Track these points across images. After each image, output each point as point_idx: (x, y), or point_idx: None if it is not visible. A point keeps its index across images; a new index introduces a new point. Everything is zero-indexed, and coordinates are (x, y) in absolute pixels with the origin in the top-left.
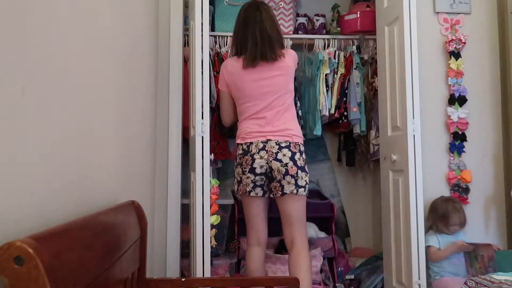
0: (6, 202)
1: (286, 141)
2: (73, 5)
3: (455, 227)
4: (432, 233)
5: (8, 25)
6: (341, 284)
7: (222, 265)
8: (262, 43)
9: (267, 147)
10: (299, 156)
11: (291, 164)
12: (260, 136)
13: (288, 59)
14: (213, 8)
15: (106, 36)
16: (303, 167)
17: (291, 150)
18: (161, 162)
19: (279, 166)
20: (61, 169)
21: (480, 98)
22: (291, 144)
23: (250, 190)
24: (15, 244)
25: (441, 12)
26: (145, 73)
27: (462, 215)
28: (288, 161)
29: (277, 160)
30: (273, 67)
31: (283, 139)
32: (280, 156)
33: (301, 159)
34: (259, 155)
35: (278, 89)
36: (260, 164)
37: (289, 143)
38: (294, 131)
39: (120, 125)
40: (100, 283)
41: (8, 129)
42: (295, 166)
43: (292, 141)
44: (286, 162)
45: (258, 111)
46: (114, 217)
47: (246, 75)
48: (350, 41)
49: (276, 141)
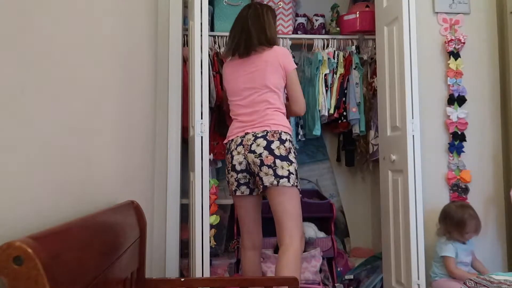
0: (6, 202)
1: (263, 131)
2: (73, 5)
3: (470, 235)
4: (446, 241)
5: (8, 25)
6: (341, 284)
7: (221, 265)
8: (240, 37)
9: (244, 141)
10: (278, 144)
11: (266, 153)
12: (239, 132)
13: (269, 54)
14: (212, 8)
15: (106, 36)
16: (284, 156)
17: (267, 139)
18: (160, 162)
19: (253, 158)
20: (60, 169)
21: (480, 98)
22: (269, 133)
23: (235, 189)
24: (15, 244)
25: (441, 12)
26: (145, 73)
27: (478, 222)
28: (262, 150)
29: (251, 151)
30: (250, 63)
31: (260, 129)
32: (254, 147)
33: (281, 148)
34: (237, 151)
35: (255, 85)
36: (238, 160)
37: (266, 132)
38: (275, 121)
39: (120, 125)
40: (99, 283)
41: (8, 129)
42: (272, 155)
43: (270, 130)
44: (260, 152)
45: (239, 107)
46: (114, 217)
47: (228, 72)
48: (350, 41)
49: (253, 133)
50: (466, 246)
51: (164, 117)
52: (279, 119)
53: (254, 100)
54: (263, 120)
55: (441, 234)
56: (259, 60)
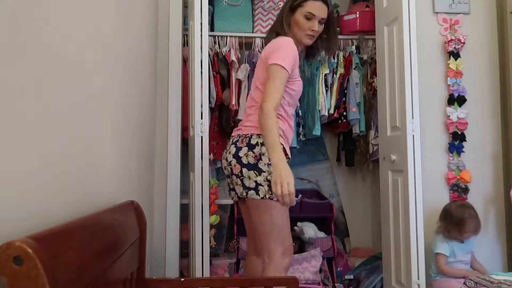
0: (6, 202)
1: (237, 135)
2: (73, 5)
3: (469, 234)
4: (443, 239)
5: (7, 26)
6: (340, 284)
7: (221, 265)
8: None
9: (228, 146)
10: (246, 151)
11: (234, 161)
12: None
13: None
14: (212, 8)
15: (106, 36)
16: (251, 164)
17: (236, 145)
18: (160, 162)
19: (226, 165)
20: (60, 169)
21: (480, 98)
22: (240, 137)
23: (228, 193)
24: (15, 244)
25: (440, 12)
26: (145, 73)
27: (477, 222)
28: (232, 158)
29: (225, 158)
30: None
31: (236, 133)
32: (226, 154)
33: (249, 155)
34: (223, 157)
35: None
36: (223, 165)
37: (238, 136)
38: (248, 121)
39: (120, 125)
40: (99, 283)
41: (8, 129)
42: (239, 164)
43: (242, 134)
44: (230, 160)
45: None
46: (113, 217)
47: None
48: (349, 41)
49: (232, 138)
50: (463, 245)
51: (164, 117)
52: (254, 119)
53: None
54: (243, 122)
55: (440, 232)
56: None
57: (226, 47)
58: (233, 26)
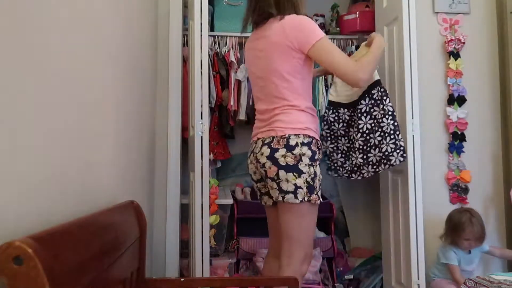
0: (6, 202)
1: (269, 137)
2: (72, 5)
3: (470, 242)
4: (448, 248)
5: (7, 26)
6: (340, 284)
7: (221, 265)
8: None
9: (254, 148)
10: (284, 152)
11: (269, 164)
12: (253, 136)
13: (276, 30)
14: (212, 8)
15: (105, 36)
16: (291, 165)
17: (272, 146)
18: (160, 162)
19: (260, 169)
20: (60, 169)
21: (479, 98)
22: (275, 138)
23: (259, 199)
24: (14, 244)
25: (440, 12)
26: (144, 72)
27: (477, 229)
28: (266, 160)
29: (258, 161)
30: (259, 43)
31: (267, 135)
32: (259, 156)
33: (288, 157)
34: (250, 159)
35: (264, 74)
36: (252, 169)
37: (272, 138)
38: (283, 122)
39: (120, 125)
40: (99, 283)
41: (8, 129)
42: (275, 166)
43: (276, 135)
44: (263, 162)
45: (257, 101)
46: (113, 217)
47: (246, 53)
48: (349, 41)
49: (262, 139)
50: (469, 256)
51: (164, 117)
52: (287, 119)
53: (268, 93)
54: (271, 122)
55: (444, 239)
56: (266, 39)
57: (226, 47)
58: (233, 26)
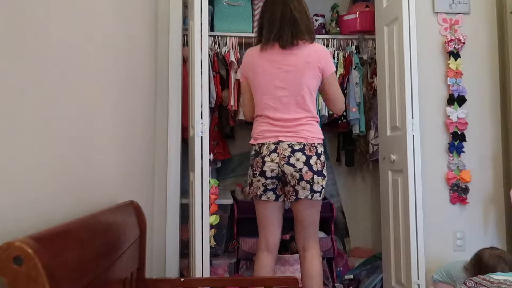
0: (6, 202)
1: (299, 143)
2: (72, 5)
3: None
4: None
5: (7, 26)
6: (340, 284)
7: (221, 265)
8: (281, 24)
9: (278, 149)
10: (315, 159)
11: (305, 169)
12: (271, 137)
13: (310, 51)
14: (212, 8)
15: (105, 36)
16: (319, 171)
17: (306, 153)
18: (160, 162)
19: (293, 171)
20: (60, 169)
21: (479, 98)
22: (306, 146)
23: (261, 194)
24: (14, 244)
25: (440, 12)
26: (144, 73)
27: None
28: (302, 166)
29: (290, 164)
30: (288, 57)
31: (296, 141)
32: (293, 161)
33: (318, 163)
34: (270, 158)
35: (290, 86)
36: (270, 168)
37: (303, 145)
38: (310, 132)
39: (120, 125)
40: (99, 283)
41: (8, 129)
42: (311, 171)
43: (307, 143)
44: (300, 167)
45: (269, 108)
46: (114, 217)
47: (260, 65)
48: (349, 41)
49: (288, 143)
50: None
51: (164, 117)
52: (314, 130)
53: (288, 102)
54: (298, 130)
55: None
56: (298, 57)
57: (226, 47)
58: (233, 26)
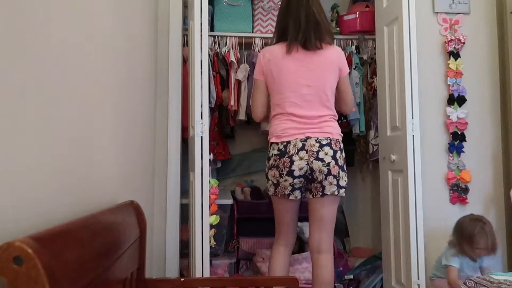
0: (6, 202)
1: (326, 138)
2: (72, 5)
3: (481, 251)
4: (455, 254)
5: (7, 26)
6: (340, 284)
7: (221, 265)
8: (307, 27)
9: (306, 146)
10: (339, 154)
11: (333, 163)
12: (298, 134)
13: (332, 52)
14: (212, 8)
15: (105, 36)
16: (343, 166)
17: (333, 148)
18: (160, 162)
19: (321, 166)
20: (60, 169)
21: (479, 98)
22: (332, 141)
23: (289, 193)
24: (14, 244)
25: (440, 12)
26: (144, 73)
27: (491, 239)
28: (330, 160)
29: (319, 159)
30: (314, 58)
31: (323, 136)
32: (321, 155)
33: (341, 158)
34: (298, 156)
35: (314, 84)
36: (299, 166)
37: (329, 140)
38: (334, 128)
39: (120, 125)
40: (99, 283)
41: (8, 129)
42: (337, 166)
43: (333, 138)
44: (328, 162)
45: (294, 105)
46: (114, 217)
47: (284, 64)
48: (349, 41)
49: (316, 139)
50: (474, 264)
51: (164, 117)
52: (336, 126)
53: (312, 100)
54: (322, 126)
55: (452, 246)
56: (321, 57)
57: (226, 47)
58: (233, 26)
